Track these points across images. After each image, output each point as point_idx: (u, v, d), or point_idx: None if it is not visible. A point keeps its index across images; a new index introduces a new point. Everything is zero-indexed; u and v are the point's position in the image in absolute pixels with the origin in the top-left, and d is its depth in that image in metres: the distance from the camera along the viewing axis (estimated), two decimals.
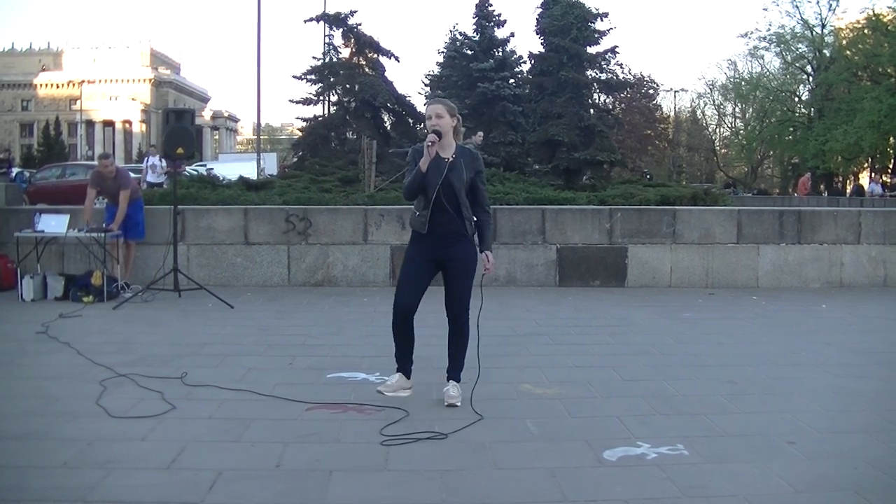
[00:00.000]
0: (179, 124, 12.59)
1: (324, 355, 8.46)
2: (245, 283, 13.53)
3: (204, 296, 11.90)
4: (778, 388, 7.32)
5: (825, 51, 54.63)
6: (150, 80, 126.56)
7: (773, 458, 5.42)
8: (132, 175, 16.42)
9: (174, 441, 5.66)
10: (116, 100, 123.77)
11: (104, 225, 12.61)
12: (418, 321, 6.08)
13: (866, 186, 51.77)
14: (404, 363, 6.91)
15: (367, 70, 34.36)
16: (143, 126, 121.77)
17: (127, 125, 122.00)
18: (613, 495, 4.83)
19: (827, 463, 5.39)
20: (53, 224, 12.48)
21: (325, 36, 35.78)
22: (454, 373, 6.81)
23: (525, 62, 37.47)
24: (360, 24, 34.45)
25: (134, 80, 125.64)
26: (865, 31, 50.98)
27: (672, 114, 79.16)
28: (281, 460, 5.34)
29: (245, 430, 5.92)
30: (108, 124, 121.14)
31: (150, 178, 25.95)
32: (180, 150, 12.32)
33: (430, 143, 6.45)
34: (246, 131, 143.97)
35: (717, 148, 79.40)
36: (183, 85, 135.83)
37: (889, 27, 48.33)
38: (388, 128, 34.71)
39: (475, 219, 6.72)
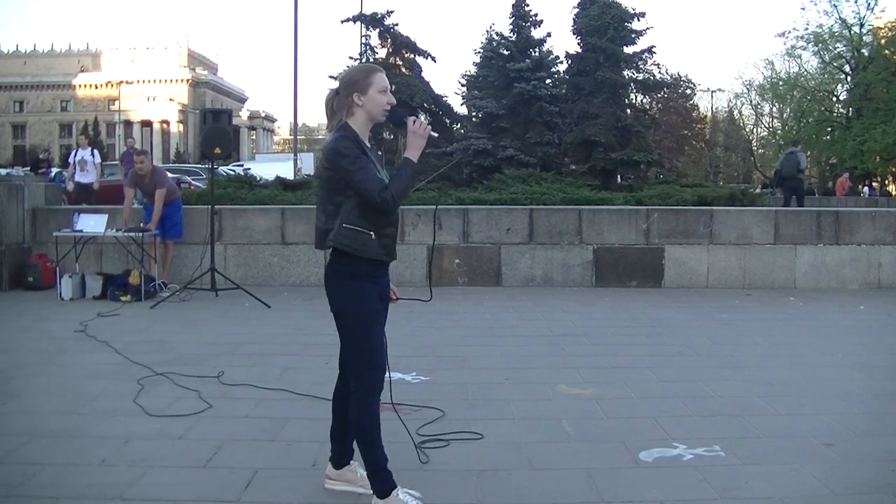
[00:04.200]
0: (217, 124, 12.67)
1: None
2: (282, 283, 13.59)
3: (241, 295, 11.95)
4: (815, 390, 7.26)
5: (863, 50, 54.07)
6: (188, 80, 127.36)
7: (809, 460, 5.38)
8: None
9: (211, 440, 5.69)
10: (154, 100, 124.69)
11: (142, 224, 12.69)
12: (455, 322, 6.03)
13: None
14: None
15: (403, 70, 34.46)
16: (181, 126, 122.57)
17: (165, 125, 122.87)
18: (649, 496, 4.81)
19: (864, 465, 5.34)
20: (92, 224, 12.57)
21: (361, 36, 35.95)
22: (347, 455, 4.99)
23: (562, 62, 37.41)
24: (396, 25, 34.64)
25: (171, 81, 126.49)
26: None
27: (709, 114, 78.82)
28: (317, 459, 5.35)
29: (281, 430, 5.95)
30: (146, 124, 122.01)
31: (79, 177, 20.66)
32: (217, 150, 12.39)
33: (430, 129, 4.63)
34: (283, 131, 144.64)
35: (755, 148, 78.83)
36: (220, 85, 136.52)
37: None
38: None
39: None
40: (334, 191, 4.50)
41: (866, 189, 50.78)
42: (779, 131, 68.42)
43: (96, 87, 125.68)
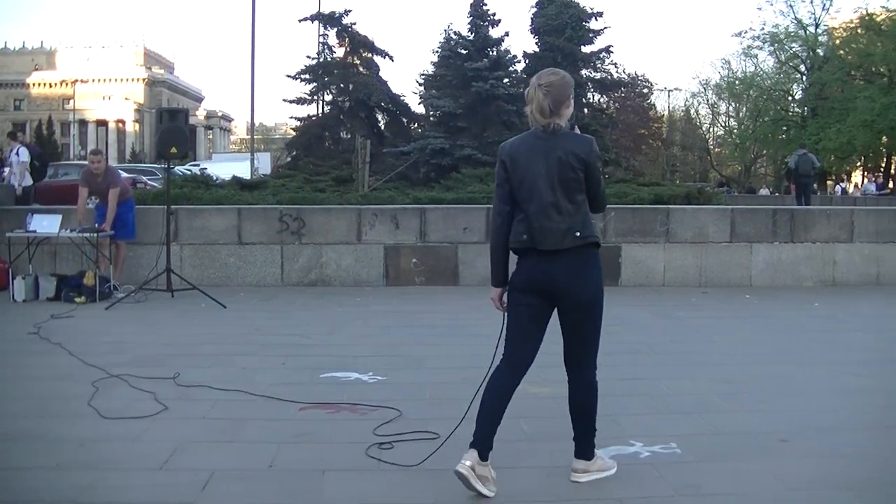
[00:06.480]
0: (173, 124, 12.59)
1: (317, 355, 8.44)
2: (238, 283, 13.51)
3: (197, 296, 11.88)
4: (771, 387, 7.31)
5: (819, 50, 54.67)
6: (144, 79, 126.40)
7: (766, 456, 5.41)
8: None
9: (167, 441, 5.64)
10: (110, 99, 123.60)
11: (95, 224, 12.56)
12: (412, 321, 5.97)
13: (861, 185, 52.42)
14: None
15: (361, 69, 34.45)
16: (137, 126, 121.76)
17: (120, 125, 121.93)
18: (607, 494, 4.82)
19: (822, 461, 5.39)
20: (45, 224, 12.43)
21: (319, 35, 35.89)
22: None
23: (519, 61, 37.53)
24: (354, 24, 34.61)
25: (127, 80, 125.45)
26: (859, 30, 51.18)
27: (666, 113, 79.24)
28: (274, 460, 5.33)
29: (238, 431, 5.92)
30: (102, 124, 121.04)
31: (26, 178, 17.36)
32: (174, 150, 12.30)
33: None
34: (240, 131, 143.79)
35: (711, 147, 79.36)
36: (176, 84, 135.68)
37: (882, 27, 48.47)
38: (383, 127, 34.82)
39: None
40: (577, 190, 4.79)
41: (873, 186, 51.28)
42: (735, 130, 68.99)
43: (51, 86, 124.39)
